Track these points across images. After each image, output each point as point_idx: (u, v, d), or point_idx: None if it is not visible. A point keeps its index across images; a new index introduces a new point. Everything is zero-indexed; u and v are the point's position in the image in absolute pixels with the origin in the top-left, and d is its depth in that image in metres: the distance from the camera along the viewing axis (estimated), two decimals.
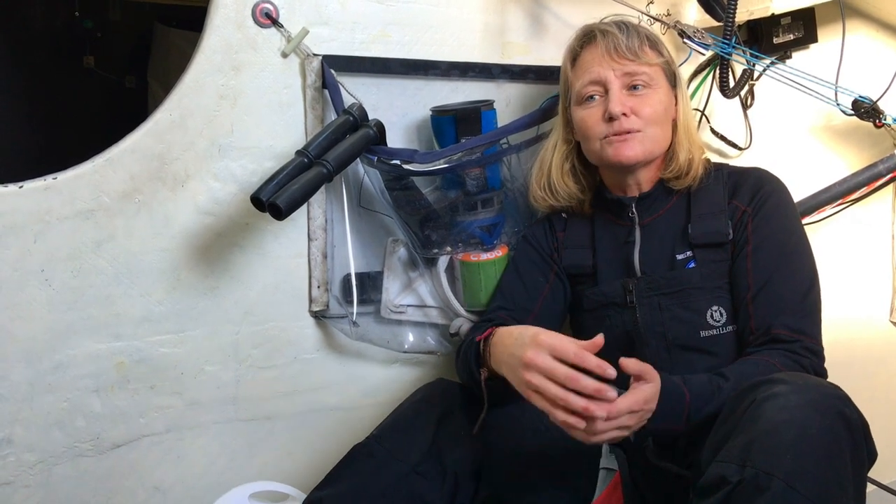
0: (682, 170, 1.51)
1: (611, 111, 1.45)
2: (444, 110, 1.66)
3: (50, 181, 1.44)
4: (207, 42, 1.53)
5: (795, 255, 1.45)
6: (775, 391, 1.12)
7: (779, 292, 1.41)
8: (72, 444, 1.50)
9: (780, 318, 1.38)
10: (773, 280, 1.41)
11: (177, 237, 1.55)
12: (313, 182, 1.45)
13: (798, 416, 1.07)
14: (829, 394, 1.12)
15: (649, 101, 1.47)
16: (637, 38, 1.48)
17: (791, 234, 1.47)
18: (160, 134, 1.51)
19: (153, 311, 1.54)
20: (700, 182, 1.52)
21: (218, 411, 1.61)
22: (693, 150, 1.52)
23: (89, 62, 3.76)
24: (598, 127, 1.48)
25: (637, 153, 1.47)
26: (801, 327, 1.37)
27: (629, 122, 1.45)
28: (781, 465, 1.04)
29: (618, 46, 1.46)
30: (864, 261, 2.19)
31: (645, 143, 1.47)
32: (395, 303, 1.72)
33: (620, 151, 1.46)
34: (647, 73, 1.47)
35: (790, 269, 1.43)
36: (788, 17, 1.92)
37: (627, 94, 1.46)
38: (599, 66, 1.48)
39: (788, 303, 1.40)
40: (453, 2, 1.74)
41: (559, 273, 1.60)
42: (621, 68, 1.46)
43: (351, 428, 1.69)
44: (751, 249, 1.45)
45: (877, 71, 1.81)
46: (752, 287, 1.42)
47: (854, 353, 2.12)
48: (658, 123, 1.48)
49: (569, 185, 1.59)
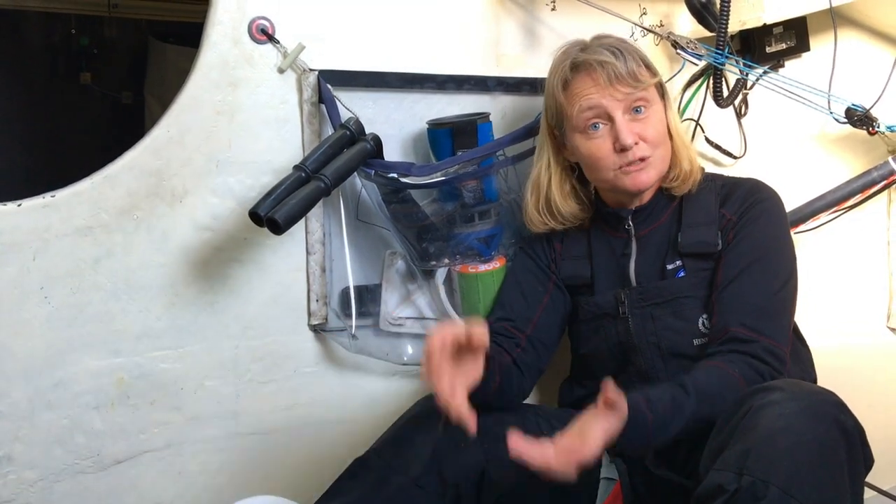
0: (686, 175, 1.51)
1: (623, 143, 1.42)
2: (441, 123, 1.67)
3: (48, 199, 1.44)
4: (204, 58, 1.54)
5: (770, 259, 1.43)
6: (771, 399, 1.13)
7: (743, 291, 1.40)
8: (72, 461, 1.49)
9: (740, 317, 1.37)
10: (740, 280, 1.41)
11: (175, 253, 1.55)
12: (311, 196, 1.45)
13: (794, 423, 1.08)
14: (825, 400, 1.13)
15: (651, 122, 1.46)
16: (633, 62, 1.44)
17: (771, 239, 1.46)
18: (158, 150, 1.52)
19: (152, 326, 1.54)
20: (697, 186, 1.52)
21: (218, 426, 1.61)
22: (691, 154, 1.52)
23: (86, 79, 3.77)
24: (609, 158, 1.46)
25: (652, 178, 1.47)
26: (760, 327, 1.36)
27: (641, 149, 1.44)
28: (778, 473, 1.04)
29: (618, 74, 1.42)
30: (861, 267, 2.20)
31: (657, 167, 1.47)
32: (393, 315, 1.72)
33: (638, 179, 1.45)
34: (646, 94, 1.45)
35: (761, 270, 1.42)
36: (780, 27, 1.93)
37: (630, 119, 1.45)
38: (599, 94, 1.44)
39: (752, 303, 1.38)
40: (448, 15, 1.75)
41: (558, 283, 1.60)
42: (623, 96, 1.43)
43: (351, 441, 1.68)
44: (725, 252, 1.45)
45: (869, 79, 1.82)
46: (719, 287, 1.42)
47: (851, 359, 2.12)
48: (663, 143, 1.48)
49: (572, 206, 1.57)
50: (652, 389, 1.28)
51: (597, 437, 1.12)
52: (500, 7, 1.79)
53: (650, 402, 1.22)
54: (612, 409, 1.13)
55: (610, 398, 1.12)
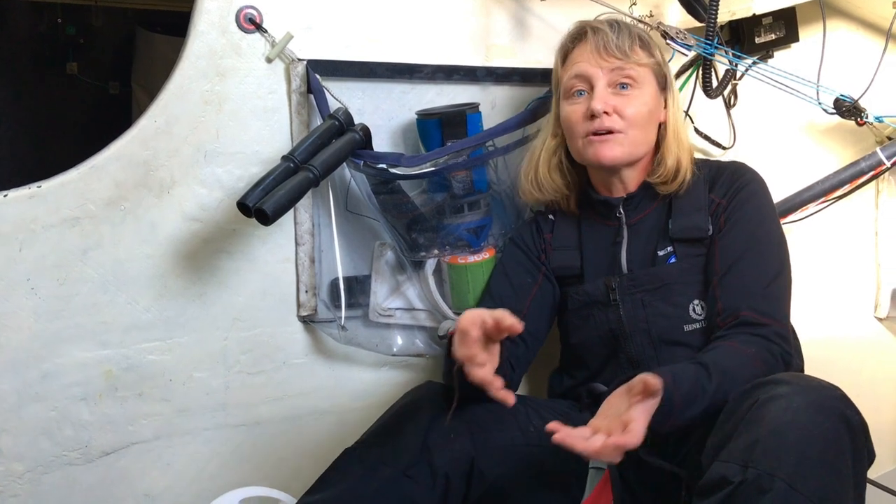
0: (670, 175, 1.51)
1: (592, 108, 1.45)
2: (430, 113, 1.67)
3: (35, 189, 1.43)
4: (191, 48, 1.53)
5: (764, 241, 1.45)
6: (778, 392, 1.13)
7: (747, 275, 1.41)
8: (60, 452, 1.49)
9: (748, 301, 1.38)
10: (742, 263, 1.42)
11: (163, 244, 1.54)
12: (300, 187, 1.45)
13: (801, 417, 1.08)
14: (831, 395, 1.13)
15: (634, 101, 1.47)
16: (628, 38, 1.48)
17: (762, 221, 1.47)
18: (145, 140, 1.51)
19: (141, 318, 1.54)
20: (686, 187, 1.52)
21: (207, 417, 1.61)
22: (682, 155, 1.52)
23: (72, 69, 3.75)
24: (580, 124, 1.48)
25: (616, 154, 1.47)
26: (768, 311, 1.38)
27: (611, 120, 1.45)
28: (784, 467, 1.05)
29: (607, 44, 1.46)
30: (849, 257, 2.21)
31: (625, 145, 1.47)
32: (383, 306, 1.72)
33: (600, 151, 1.47)
34: (635, 72, 1.47)
35: (758, 253, 1.44)
36: (770, 17, 1.93)
37: (612, 93, 1.47)
38: (587, 62, 1.48)
39: (756, 286, 1.40)
40: (438, 5, 1.74)
41: (547, 274, 1.61)
42: (608, 66, 1.46)
43: (340, 432, 1.69)
44: (720, 236, 1.46)
45: (858, 69, 1.82)
46: (719, 270, 1.43)
47: (839, 349, 2.14)
48: (640, 126, 1.48)
49: (555, 179, 1.59)
50: (674, 368, 1.26)
51: (642, 425, 1.11)
52: None
53: (676, 381, 1.20)
54: (653, 395, 1.13)
55: (652, 384, 1.11)
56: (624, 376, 1.23)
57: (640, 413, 1.12)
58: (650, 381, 1.11)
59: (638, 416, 1.11)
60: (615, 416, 1.14)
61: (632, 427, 1.09)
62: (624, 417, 1.12)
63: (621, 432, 1.09)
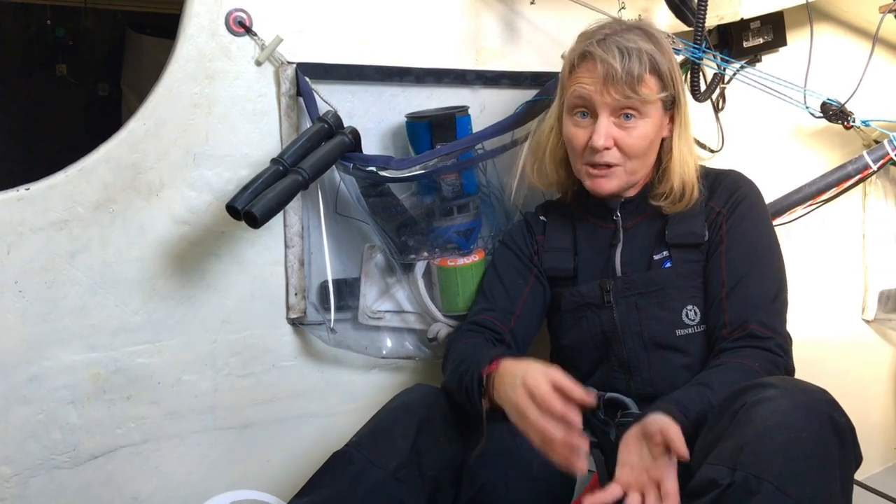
0: (676, 197, 1.50)
1: (593, 144, 1.44)
2: (420, 117, 1.67)
3: (23, 192, 1.43)
4: (181, 51, 1.52)
5: (766, 257, 1.48)
6: (766, 395, 1.14)
7: (753, 290, 1.43)
8: (48, 456, 1.48)
9: (756, 315, 1.41)
10: (748, 278, 1.44)
11: (152, 247, 1.54)
12: (289, 190, 1.45)
13: (789, 420, 1.09)
14: (819, 399, 1.14)
15: (635, 133, 1.45)
16: (638, 65, 1.41)
17: (763, 236, 1.50)
18: (134, 143, 1.51)
19: (129, 321, 1.53)
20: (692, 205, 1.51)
21: (196, 420, 1.61)
22: (686, 175, 1.50)
23: (62, 70, 3.73)
24: (581, 151, 1.49)
25: (612, 187, 1.49)
26: (774, 325, 1.41)
27: (610, 154, 1.46)
28: (772, 469, 1.05)
29: (614, 77, 1.41)
30: (836, 260, 2.22)
31: (623, 178, 1.49)
32: (372, 309, 1.72)
33: (597, 185, 1.49)
34: (639, 105, 1.44)
35: (762, 268, 1.46)
36: (758, 22, 1.94)
37: (615, 123, 1.45)
38: (592, 89, 1.44)
39: (763, 301, 1.42)
40: (428, 8, 1.74)
41: (539, 276, 1.61)
42: (613, 100, 1.43)
43: (330, 435, 1.69)
44: (724, 248, 1.47)
45: (845, 73, 1.83)
46: (727, 283, 1.44)
47: (826, 350, 2.15)
48: (639, 157, 1.48)
49: (560, 174, 1.60)
50: (679, 394, 1.30)
51: (675, 487, 1.16)
52: (480, 0, 1.79)
53: (684, 409, 1.25)
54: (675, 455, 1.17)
55: (675, 443, 1.16)
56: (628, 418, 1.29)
57: (670, 472, 1.16)
58: (670, 436, 1.16)
59: (669, 474, 1.16)
60: (640, 468, 1.19)
61: (667, 489, 1.15)
62: (653, 475, 1.17)
63: (655, 498, 1.15)
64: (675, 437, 1.16)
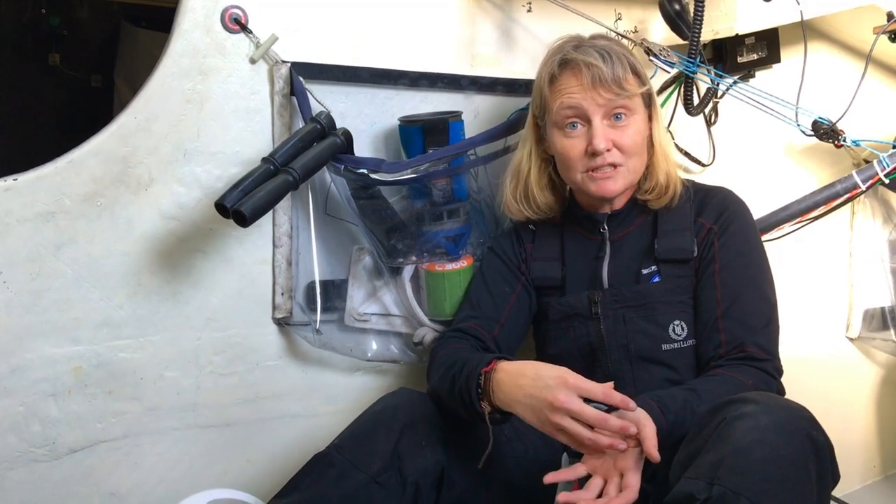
0: (661, 190, 1.52)
1: (595, 148, 1.44)
2: (413, 120, 1.67)
3: (10, 182, 1.42)
4: (175, 45, 1.52)
5: (760, 278, 1.49)
6: (746, 411, 1.14)
7: (749, 311, 1.44)
8: (27, 449, 1.47)
9: (752, 337, 1.42)
10: (742, 299, 1.45)
11: (139, 241, 1.53)
12: (279, 189, 1.44)
13: (768, 437, 1.09)
14: (798, 416, 1.15)
15: (630, 131, 1.47)
16: (621, 67, 1.44)
17: (754, 255, 1.50)
18: (125, 137, 1.50)
19: (113, 315, 1.52)
20: (678, 200, 1.53)
21: (177, 417, 1.60)
22: (670, 168, 1.53)
23: (55, 60, 3.70)
24: (580, 160, 1.48)
25: (619, 187, 1.49)
26: (769, 348, 1.42)
27: (612, 156, 1.46)
28: (749, 485, 1.06)
29: (602, 78, 1.43)
30: (822, 277, 2.23)
31: (627, 177, 1.49)
32: (359, 311, 1.72)
33: (604, 187, 1.48)
34: (628, 103, 1.46)
35: (756, 289, 1.47)
36: (753, 38, 1.95)
37: (609, 126, 1.46)
38: (581, 95, 1.45)
39: (758, 323, 1.44)
40: (424, 13, 1.74)
41: (526, 284, 1.61)
42: (605, 101, 1.44)
43: (312, 436, 1.68)
44: (718, 268, 1.48)
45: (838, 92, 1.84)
46: (721, 304, 1.45)
47: (810, 367, 2.16)
48: (638, 154, 1.49)
49: (548, 198, 1.59)
50: (664, 393, 1.32)
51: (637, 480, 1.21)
52: (476, 6, 1.79)
53: (664, 408, 1.27)
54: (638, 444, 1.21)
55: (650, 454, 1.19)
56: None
57: (635, 466, 1.22)
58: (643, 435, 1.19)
59: (633, 467, 1.21)
60: (608, 455, 1.24)
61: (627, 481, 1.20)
62: (619, 465, 1.22)
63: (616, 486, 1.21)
64: (648, 438, 1.18)
